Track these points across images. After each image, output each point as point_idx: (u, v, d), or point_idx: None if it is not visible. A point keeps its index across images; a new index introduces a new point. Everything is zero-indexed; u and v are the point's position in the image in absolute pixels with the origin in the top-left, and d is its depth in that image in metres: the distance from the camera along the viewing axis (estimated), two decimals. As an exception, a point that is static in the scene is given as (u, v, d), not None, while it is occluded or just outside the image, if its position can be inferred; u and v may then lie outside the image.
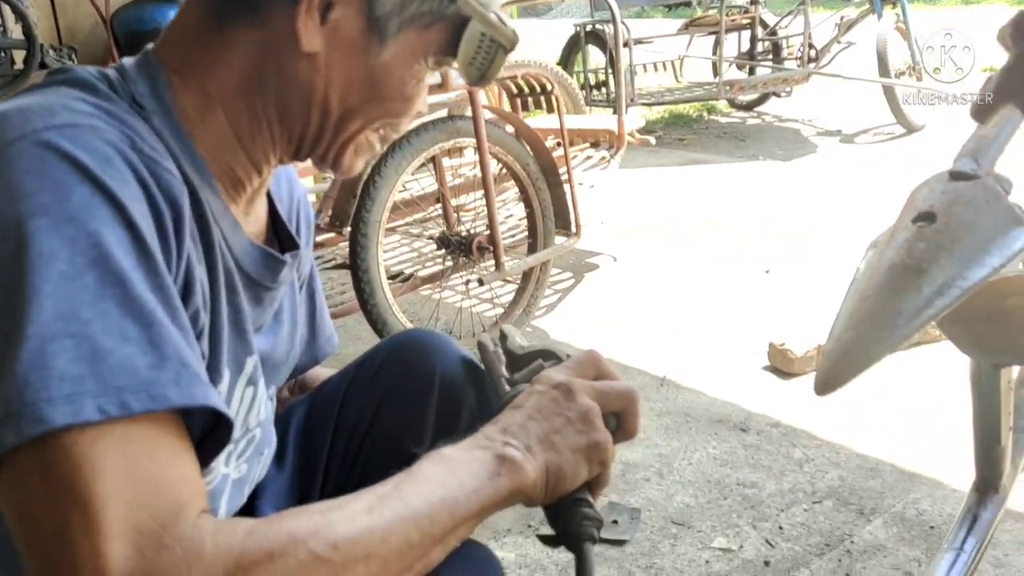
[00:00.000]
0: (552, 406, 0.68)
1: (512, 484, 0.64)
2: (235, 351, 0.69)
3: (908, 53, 4.93)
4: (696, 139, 5.27)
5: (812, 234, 3.25)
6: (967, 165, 0.94)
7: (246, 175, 0.72)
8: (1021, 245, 0.88)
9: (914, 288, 0.86)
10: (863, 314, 0.87)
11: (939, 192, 0.92)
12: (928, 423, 1.92)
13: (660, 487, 1.77)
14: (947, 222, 0.89)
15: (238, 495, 0.75)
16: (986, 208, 0.90)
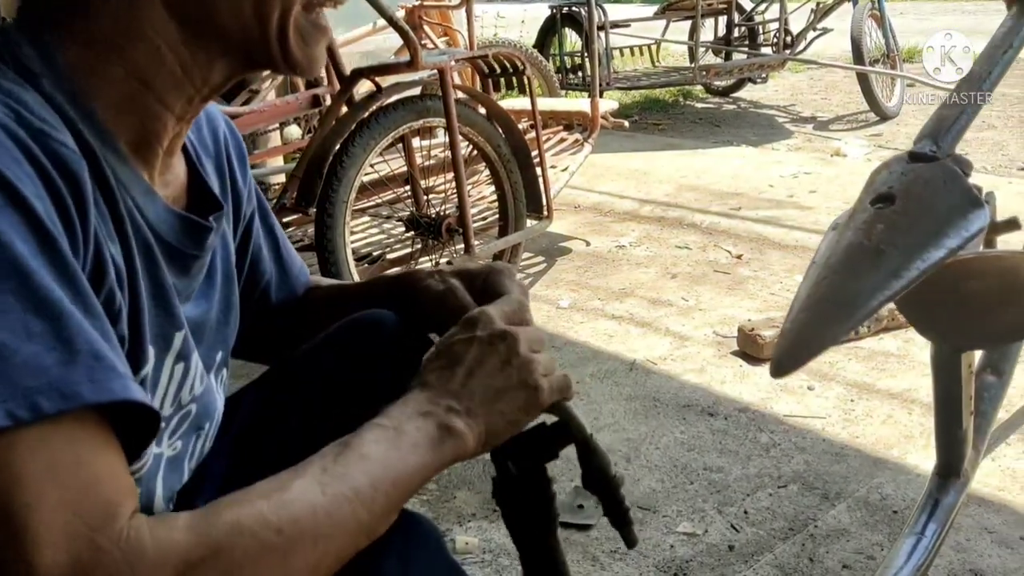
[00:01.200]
0: (494, 360, 0.68)
1: (454, 454, 0.64)
2: (161, 327, 0.66)
3: (883, 40, 4.95)
4: (672, 124, 5.26)
5: (784, 220, 3.25)
6: (926, 146, 0.93)
7: (162, 127, 0.65)
8: (979, 227, 0.88)
9: (872, 269, 0.85)
10: (820, 295, 0.85)
11: (898, 174, 0.91)
12: (894, 408, 1.93)
13: (627, 472, 1.77)
14: (905, 204, 0.88)
15: (175, 473, 0.72)
16: (944, 190, 0.89)
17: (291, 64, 0.66)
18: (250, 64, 0.67)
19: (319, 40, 0.67)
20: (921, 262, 0.85)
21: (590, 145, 3.10)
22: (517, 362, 0.69)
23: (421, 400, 0.66)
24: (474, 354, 0.69)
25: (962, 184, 0.90)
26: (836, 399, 1.98)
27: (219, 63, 0.65)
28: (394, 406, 0.65)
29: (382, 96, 2.18)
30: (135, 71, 0.62)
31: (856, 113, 5.01)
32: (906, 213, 0.88)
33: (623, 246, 3.11)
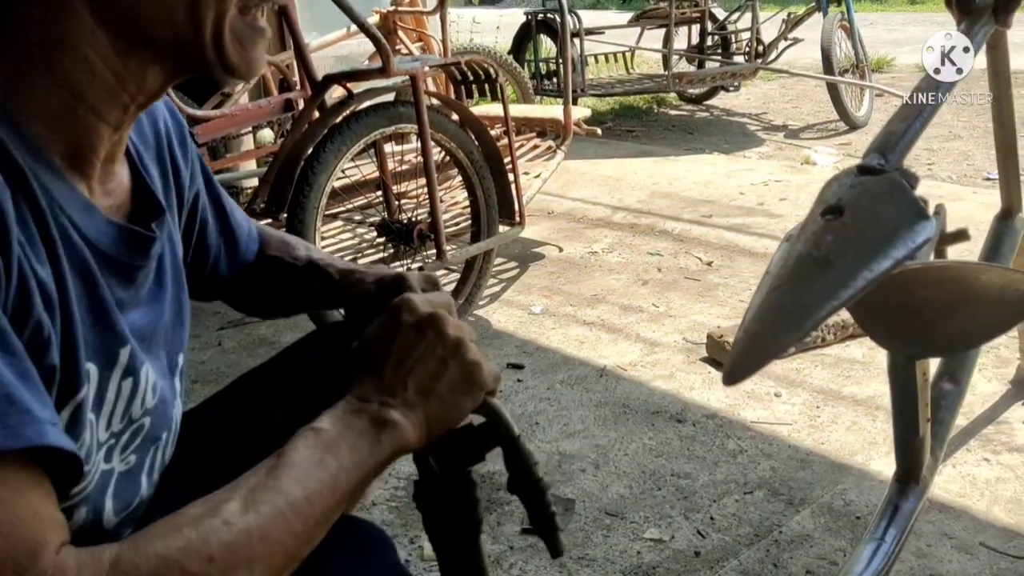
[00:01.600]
0: (424, 345, 0.66)
1: (394, 447, 0.63)
2: (103, 345, 0.64)
3: (852, 51, 5.01)
4: (645, 131, 5.30)
5: (754, 227, 3.28)
6: (875, 160, 0.95)
7: (97, 138, 0.63)
8: (925, 237, 0.90)
9: (820, 279, 0.86)
10: (771, 305, 0.87)
11: (847, 186, 0.93)
12: (859, 414, 1.95)
13: (596, 478, 1.78)
14: (854, 215, 0.90)
15: (130, 487, 0.71)
16: (891, 202, 0.91)
17: (228, 68, 0.64)
18: (185, 69, 0.65)
19: (256, 42, 0.65)
20: (868, 272, 0.87)
21: (563, 152, 3.11)
22: (449, 343, 0.67)
23: (353, 399, 0.64)
24: (402, 342, 0.66)
25: (908, 196, 0.92)
26: (803, 406, 2.00)
27: (153, 70, 0.63)
28: (329, 410, 0.64)
29: (354, 102, 2.19)
30: (64, 82, 0.59)
31: (826, 122, 5.07)
32: (854, 224, 0.90)
33: (596, 252, 3.13)
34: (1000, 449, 1.76)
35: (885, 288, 0.90)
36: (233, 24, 0.63)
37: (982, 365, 2.06)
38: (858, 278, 0.87)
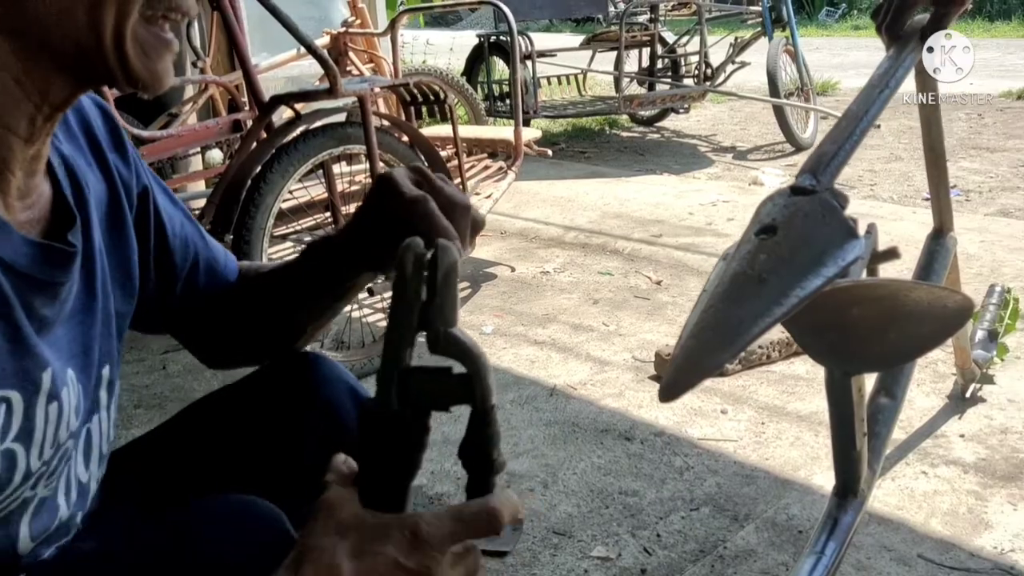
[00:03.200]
0: None
1: None
2: (23, 372, 0.61)
3: (797, 74, 5.14)
4: (597, 152, 5.35)
5: (702, 247, 3.33)
6: (807, 180, 0.97)
7: (8, 152, 0.60)
8: (855, 256, 0.92)
9: (754, 297, 0.88)
10: (706, 323, 0.89)
11: (781, 206, 0.95)
12: (802, 430, 1.98)
13: (544, 497, 1.78)
14: (787, 234, 0.92)
15: (49, 510, 0.68)
16: (822, 221, 0.93)
17: (132, 79, 0.62)
18: (90, 79, 0.62)
19: (162, 54, 0.63)
20: (801, 290, 0.89)
21: (514, 173, 3.13)
22: None
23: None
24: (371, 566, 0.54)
25: (839, 216, 0.94)
26: (748, 422, 2.03)
27: (57, 78, 0.61)
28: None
29: (301, 123, 2.18)
30: None
31: (773, 143, 5.18)
32: (787, 243, 0.92)
33: (547, 272, 3.15)
34: (937, 462, 1.80)
35: (819, 306, 0.92)
36: (136, 32, 0.60)
37: (920, 380, 2.12)
38: (791, 296, 0.89)
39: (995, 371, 2.05)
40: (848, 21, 12.57)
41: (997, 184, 4.09)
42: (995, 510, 1.64)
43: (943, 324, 1.08)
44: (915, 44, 1.21)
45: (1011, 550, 1.52)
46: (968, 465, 1.79)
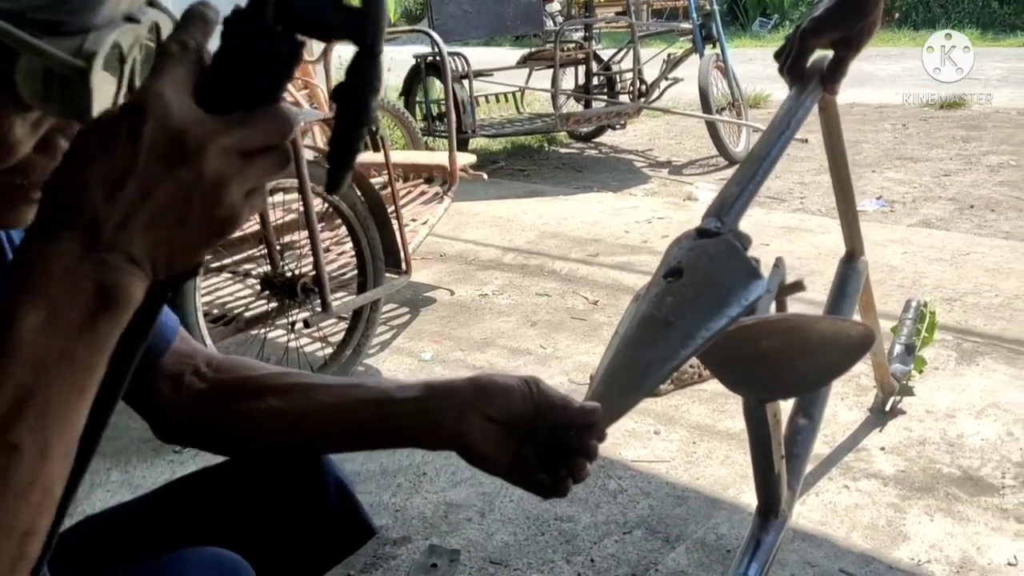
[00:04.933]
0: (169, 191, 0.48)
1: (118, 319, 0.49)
2: None
3: (728, 90, 5.26)
4: (536, 169, 5.41)
5: (638, 265, 3.39)
6: (711, 223, 1.02)
7: None
8: (757, 295, 0.97)
9: (661, 340, 0.92)
10: (616, 366, 0.92)
11: (687, 249, 1.00)
12: (732, 448, 2.03)
13: (481, 526, 1.80)
14: (692, 277, 0.96)
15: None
16: (726, 263, 0.97)
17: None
18: None
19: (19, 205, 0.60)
20: (706, 331, 0.93)
21: (450, 198, 3.16)
22: (204, 186, 0.48)
23: (70, 254, 0.47)
24: (140, 175, 0.47)
25: (742, 257, 0.99)
26: (680, 442, 2.08)
27: None
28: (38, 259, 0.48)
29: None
30: None
31: (707, 158, 5.29)
32: (692, 286, 0.96)
33: (486, 295, 3.18)
34: (859, 476, 1.87)
35: (728, 340, 0.96)
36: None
37: (843, 394, 2.19)
38: (696, 337, 0.93)
39: (914, 383, 2.13)
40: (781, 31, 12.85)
41: (920, 194, 4.24)
42: (913, 521, 1.71)
43: (848, 352, 1.13)
44: (816, 84, 1.26)
45: (927, 561, 1.59)
46: (888, 478, 1.85)
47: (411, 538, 1.76)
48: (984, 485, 1.80)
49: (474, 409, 0.83)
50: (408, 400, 0.85)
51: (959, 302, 2.77)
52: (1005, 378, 2.25)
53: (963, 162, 4.83)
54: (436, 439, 0.85)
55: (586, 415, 0.84)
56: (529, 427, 0.83)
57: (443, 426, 0.83)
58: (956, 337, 2.50)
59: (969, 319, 2.64)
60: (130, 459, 2.10)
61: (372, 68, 0.52)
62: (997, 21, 11.21)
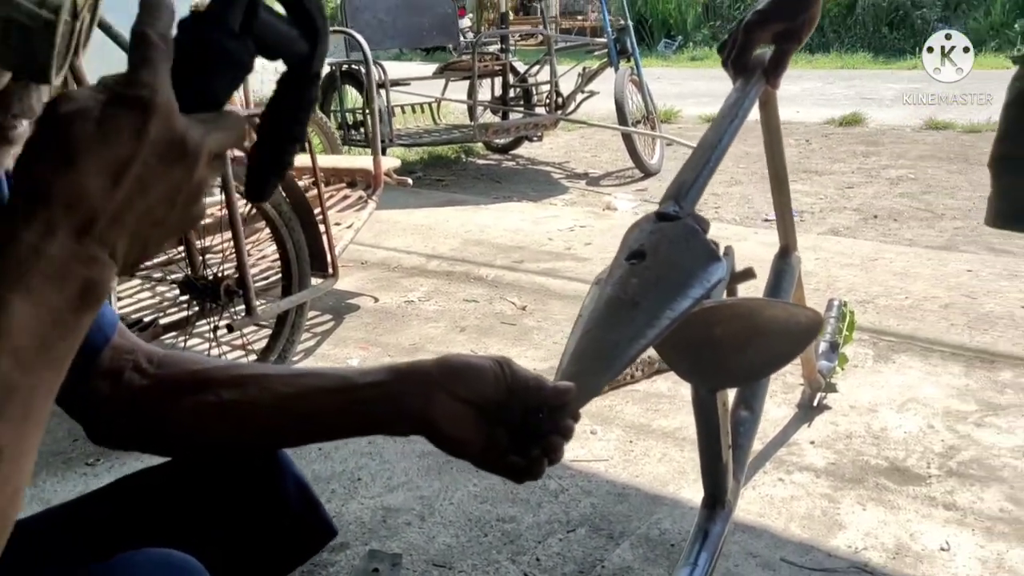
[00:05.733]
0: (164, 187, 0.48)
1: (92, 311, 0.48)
2: None
3: (643, 103, 5.37)
4: (455, 180, 5.39)
5: (563, 271, 3.41)
6: (670, 207, 1.02)
7: None
8: (718, 277, 0.97)
9: (629, 320, 0.91)
10: (584, 347, 0.91)
11: (648, 232, 0.99)
12: (669, 446, 2.05)
13: (422, 530, 1.76)
14: (655, 259, 0.96)
15: None
16: (687, 246, 0.98)
17: None
18: None
19: None
20: (671, 311, 0.93)
21: (374, 202, 3.11)
22: (190, 189, 0.49)
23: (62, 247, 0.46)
24: (139, 170, 0.47)
25: (701, 240, 0.99)
26: (617, 441, 2.08)
27: None
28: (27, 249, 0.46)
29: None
30: None
31: (623, 169, 5.38)
32: (656, 268, 0.96)
33: (412, 301, 3.14)
34: (792, 469, 1.91)
35: (686, 325, 0.96)
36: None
37: (772, 392, 2.23)
38: (663, 317, 0.93)
39: (837, 380, 2.20)
40: (685, 52, 13.25)
41: (827, 205, 4.41)
42: (847, 511, 1.75)
43: (797, 338, 1.15)
44: (759, 78, 1.29)
45: (864, 548, 1.63)
46: (820, 470, 1.90)
47: (349, 544, 1.70)
48: (911, 475, 1.87)
49: (443, 390, 0.80)
50: (371, 385, 0.82)
51: (872, 304, 2.88)
52: (920, 374, 2.35)
53: (864, 175, 5.05)
54: (403, 424, 0.81)
55: (560, 395, 0.82)
56: (501, 409, 0.81)
57: (410, 409, 0.80)
58: (872, 336, 2.60)
59: (883, 320, 2.74)
60: (39, 472, 1.97)
61: (312, 88, 0.55)
62: (887, 46, 11.81)
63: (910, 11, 11.84)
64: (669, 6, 14.05)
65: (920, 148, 5.68)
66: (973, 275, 3.15)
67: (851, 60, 11.40)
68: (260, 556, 0.89)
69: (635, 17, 13.44)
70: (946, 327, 2.67)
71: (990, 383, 2.28)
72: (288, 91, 0.55)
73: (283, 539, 0.89)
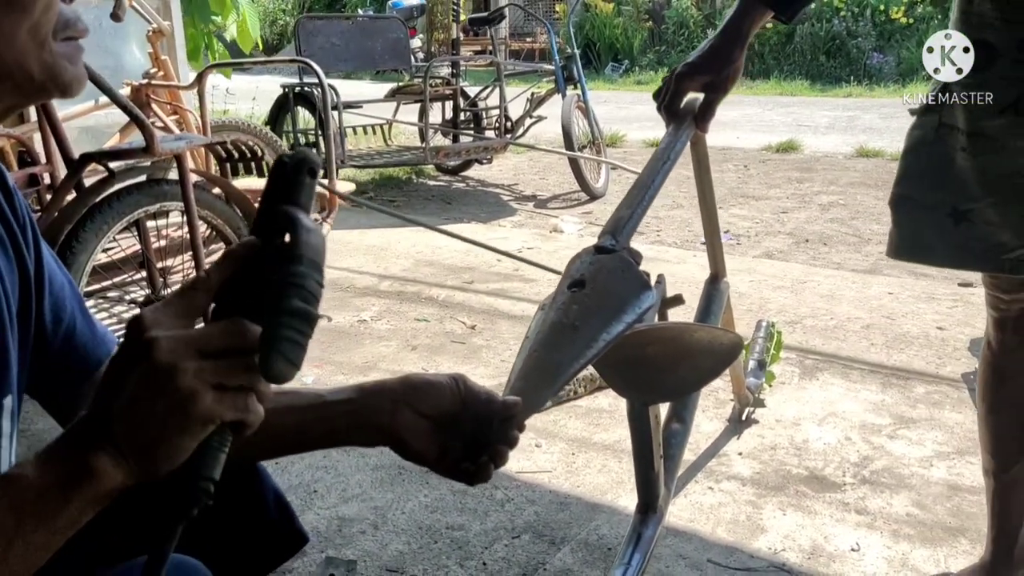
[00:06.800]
0: (136, 375, 0.58)
1: (86, 503, 0.59)
2: None
3: (589, 129, 5.56)
4: (406, 201, 5.50)
5: (511, 292, 3.54)
6: (608, 241, 1.15)
7: None
8: (649, 304, 1.11)
9: (569, 343, 1.04)
10: (530, 366, 1.03)
11: (588, 263, 1.13)
12: (608, 458, 2.19)
13: (375, 538, 1.86)
14: (593, 287, 1.09)
15: None
16: (622, 276, 1.11)
17: (61, 85, 0.70)
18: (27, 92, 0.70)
19: (80, 60, 0.71)
20: (607, 334, 1.06)
21: (329, 224, 3.21)
22: (158, 372, 0.58)
23: (68, 436, 0.60)
24: (118, 371, 0.60)
25: (634, 271, 1.13)
26: (560, 454, 2.21)
27: None
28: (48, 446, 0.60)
29: (115, 181, 2.16)
30: None
31: (570, 192, 5.55)
32: (594, 295, 1.09)
33: (365, 320, 3.23)
34: (721, 478, 2.06)
35: (621, 347, 1.10)
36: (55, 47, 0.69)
37: (705, 407, 2.39)
38: (599, 340, 1.06)
39: (765, 396, 2.36)
40: (631, 76, 13.57)
41: (762, 229, 4.62)
42: (768, 516, 1.90)
43: (721, 358, 1.29)
44: (689, 123, 1.44)
45: (783, 549, 1.78)
46: (746, 479, 2.05)
47: (306, 551, 1.79)
48: (828, 483, 2.03)
49: (407, 406, 0.92)
50: (341, 402, 0.94)
51: (800, 324, 3.07)
52: (841, 390, 2.53)
53: (798, 201, 5.29)
54: (370, 436, 0.93)
55: (508, 408, 0.93)
56: (456, 420, 0.93)
57: (377, 423, 0.92)
58: (799, 355, 2.78)
59: (809, 339, 2.93)
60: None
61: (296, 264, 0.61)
62: (824, 73, 12.26)
63: (846, 40, 12.30)
64: (616, 31, 14.37)
65: (851, 175, 5.97)
66: (894, 297, 3.36)
67: (789, 87, 11.80)
68: (240, 560, 0.98)
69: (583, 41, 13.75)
70: (866, 346, 2.86)
71: (904, 398, 2.46)
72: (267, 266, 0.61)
73: (261, 545, 1.00)
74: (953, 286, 3.44)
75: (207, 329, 0.60)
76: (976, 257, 1.37)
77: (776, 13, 1.34)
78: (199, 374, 0.58)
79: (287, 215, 0.62)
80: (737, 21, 1.36)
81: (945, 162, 1.35)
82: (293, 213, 0.62)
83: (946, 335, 2.95)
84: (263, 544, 1.00)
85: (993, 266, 1.37)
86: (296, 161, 0.64)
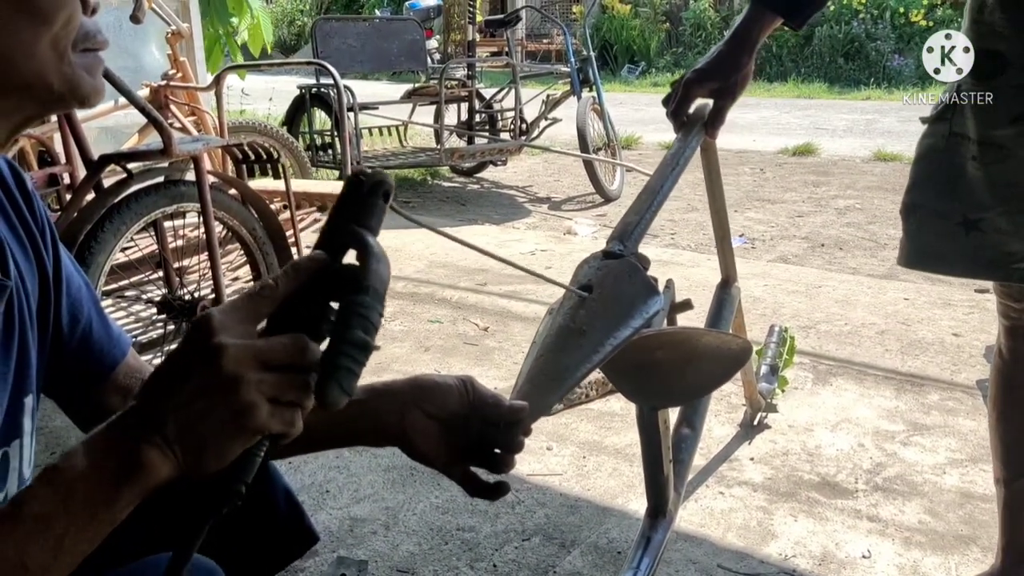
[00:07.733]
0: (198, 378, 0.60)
1: (135, 495, 0.60)
2: None
3: (604, 131, 5.56)
4: (421, 202, 5.52)
5: (524, 294, 3.55)
6: (616, 246, 1.16)
7: None
8: (656, 309, 1.11)
9: (576, 347, 1.05)
10: (538, 369, 1.04)
11: (595, 268, 1.13)
12: (619, 462, 2.19)
13: (386, 538, 1.87)
14: (601, 292, 1.10)
15: None
16: (629, 281, 1.12)
17: (80, 95, 0.71)
18: (45, 102, 0.71)
19: (99, 71, 0.73)
20: (614, 339, 1.07)
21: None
22: (222, 380, 0.59)
23: (113, 427, 0.61)
24: (178, 368, 0.61)
25: (642, 276, 1.13)
26: (571, 457, 2.22)
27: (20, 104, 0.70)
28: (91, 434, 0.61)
29: (133, 182, 2.19)
30: None
31: (584, 195, 5.55)
32: (601, 300, 1.10)
33: (377, 322, 3.24)
34: (732, 483, 2.06)
35: (629, 351, 1.10)
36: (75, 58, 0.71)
37: (716, 411, 2.39)
38: (606, 344, 1.06)
39: (777, 401, 2.36)
40: (647, 78, 13.55)
41: (778, 233, 4.61)
42: (779, 522, 1.90)
43: (730, 363, 1.29)
44: (699, 130, 1.44)
45: (793, 556, 1.78)
46: (757, 485, 2.05)
47: (318, 551, 1.81)
48: (840, 489, 2.02)
49: (416, 407, 0.93)
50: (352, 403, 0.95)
51: (814, 329, 3.06)
52: (855, 396, 2.52)
53: (814, 204, 5.27)
54: (380, 437, 0.94)
55: (515, 412, 0.94)
56: (464, 423, 0.93)
57: (387, 424, 0.93)
58: (812, 360, 2.77)
59: (823, 344, 2.92)
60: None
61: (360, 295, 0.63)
62: (843, 76, 12.20)
63: (865, 43, 12.24)
64: (633, 33, 14.35)
65: (868, 179, 5.93)
66: (909, 303, 3.35)
67: (807, 89, 11.74)
68: (251, 559, 1.00)
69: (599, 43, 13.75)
70: (881, 352, 2.85)
71: (918, 405, 2.45)
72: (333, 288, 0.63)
73: (272, 543, 1.01)
74: (970, 292, 3.41)
75: (272, 342, 0.62)
76: (987, 266, 1.36)
77: (786, 20, 1.35)
78: (259, 386, 0.60)
79: (360, 239, 0.64)
80: (746, 27, 1.36)
81: (956, 171, 1.35)
82: (366, 238, 0.64)
83: (962, 342, 2.93)
84: (274, 542, 1.01)
85: (1004, 275, 1.37)
86: (373, 183, 0.65)
